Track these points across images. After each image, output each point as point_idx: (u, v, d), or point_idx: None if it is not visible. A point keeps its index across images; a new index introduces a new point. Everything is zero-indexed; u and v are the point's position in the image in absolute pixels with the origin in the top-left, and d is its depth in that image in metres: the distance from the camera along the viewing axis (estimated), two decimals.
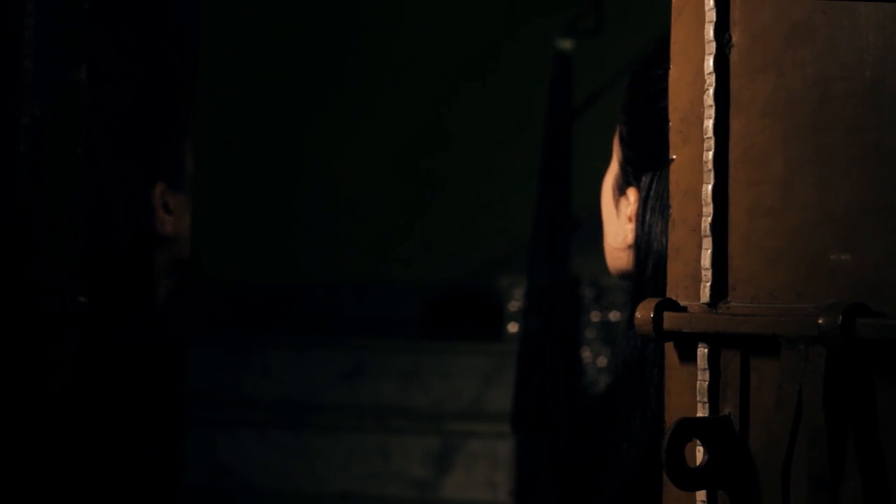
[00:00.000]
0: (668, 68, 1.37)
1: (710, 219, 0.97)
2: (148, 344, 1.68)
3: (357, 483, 4.05)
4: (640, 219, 1.36)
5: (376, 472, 4.04)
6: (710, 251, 0.96)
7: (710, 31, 0.97)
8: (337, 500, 4.04)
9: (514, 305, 4.29)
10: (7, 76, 1.39)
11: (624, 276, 1.43)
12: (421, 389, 4.22)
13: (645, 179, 1.36)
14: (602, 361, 3.94)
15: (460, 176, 4.93)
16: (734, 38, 0.97)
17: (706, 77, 0.97)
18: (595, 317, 4.00)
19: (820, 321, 0.88)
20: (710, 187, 0.97)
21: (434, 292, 4.87)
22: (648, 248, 1.35)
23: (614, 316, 3.89)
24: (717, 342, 0.96)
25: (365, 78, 5.06)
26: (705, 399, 0.96)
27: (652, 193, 1.35)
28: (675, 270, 0.99)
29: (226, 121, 4.90)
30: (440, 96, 4.97)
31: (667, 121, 1.34)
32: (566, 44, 3.75)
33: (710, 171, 0.96)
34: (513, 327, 4.27)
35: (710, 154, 0.96)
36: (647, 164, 1.37)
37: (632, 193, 1.39)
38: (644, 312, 0.97)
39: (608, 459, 1.40)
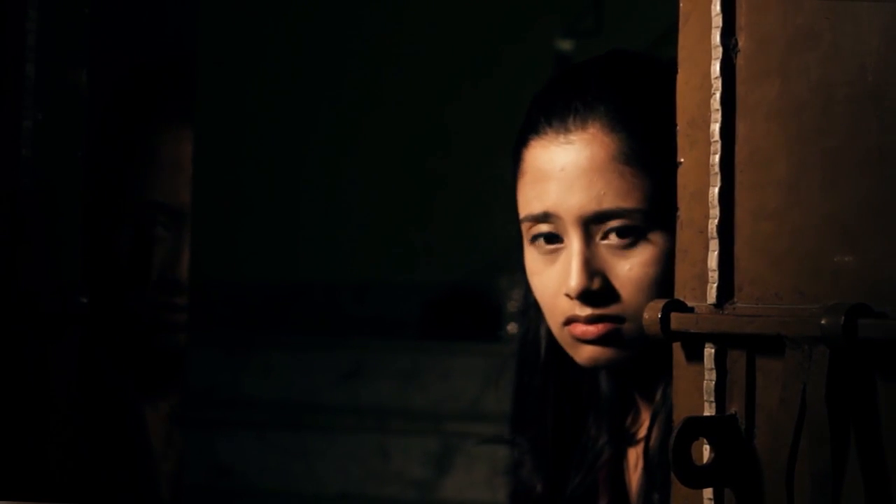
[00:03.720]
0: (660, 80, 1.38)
1: (716, 221, 0.98)
2: (148, 344, 1.69)
3: (356, 483, 4.05)
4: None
5: (376, 472, 4.04)
6: (716, 253, 0.98)
7: (716, 37, 0.99)
8: (336, 501, 4.04)
9: (513, 306, 4.29)
10: (9, 80, 1.40)
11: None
12: (420, 390, 4.22)
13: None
14: None
15: (460, 176, 4.93)
16: (740, 44, 0.99)
17: (713, 81, 0.99)
18: None
19: (823, 322, 0.89)
20: (716, 190, 0.98)
21: (433, 293, 4.87)
22: None
23: None
24: (724, 342, 0.98)
25: (366, 79, 5.06)
26: (712, 398, 0.97)
27: None
28: (682, 272, 1.00)
29: (227, 121, 4.90)
30: (440, 97, 4.97)
31: None
32: (566, 44, 3.76)
33: (716, 174, 0.98)
34: (512, 328, 4.28)
35: (717, 157, 0.98)
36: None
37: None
38: (651, 313, 0.98)
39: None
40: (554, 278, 1.33)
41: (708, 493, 0.98)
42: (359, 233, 5.02)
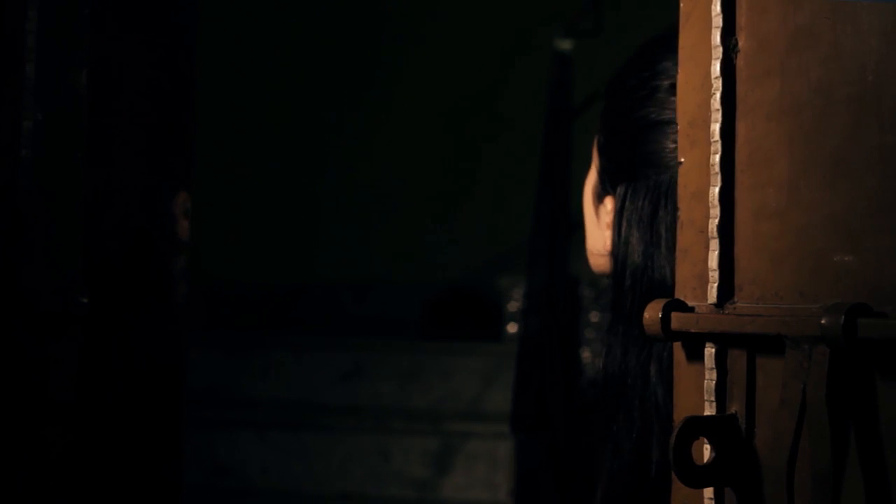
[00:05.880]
0: (643, 78, 1.38)
1: (717, 221, 0.98)
2: (148, 344, 1.69)
3: (356, 483, 4.06)
4: (617, 229, 1.34)
5: (376, 472, 4.05)
6: (717, 252, 0.98)
7: (716, 37, 0.99)
8: (336, 501, 4.05)
9: (513, 306, 4.30)
10: (9, 81, 1.41)
11: (607, 276, 1.43)
12: (420, 390, 4.23)
13: (620, 189, 1.34)
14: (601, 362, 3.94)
15: (460, 177, 4.94)
16: (740, 44, 0.99)
17: (713, 81, 0.99)
18: (594, 317, 4.01)
19: (823, 321, 0.89)
20: (717, 190, 0.98)
21: (434, 292, 4.88)
22: (625, 258, 1.33)
23: None
24: (724, 342, 0.98)
25: (367, 81, 5.07)
26: (712, 398, 0.97)
27: (627, 204, 1.33)
28: (683, 271, 1.01)
29: (228, 120, 4.91)
30: (440, 99, 4.98)
31: (640, 131, 1.35)
32: (566, 44, 3.76)
33: (716, 173, 0.98)
34: (512, 328, 4.29)
35: (717, 157, 0.98)
36: (622, 175, 1.35)
37: (609, 202, 1.36)
38: (652, 313, 0.98)
39: (595, 470, 1.40)
40: None
41: (708, 492, 0.98)
42: (359, 233, 5.02)
